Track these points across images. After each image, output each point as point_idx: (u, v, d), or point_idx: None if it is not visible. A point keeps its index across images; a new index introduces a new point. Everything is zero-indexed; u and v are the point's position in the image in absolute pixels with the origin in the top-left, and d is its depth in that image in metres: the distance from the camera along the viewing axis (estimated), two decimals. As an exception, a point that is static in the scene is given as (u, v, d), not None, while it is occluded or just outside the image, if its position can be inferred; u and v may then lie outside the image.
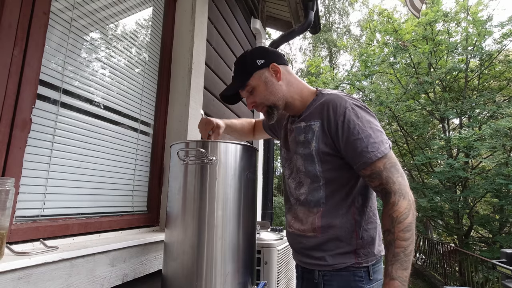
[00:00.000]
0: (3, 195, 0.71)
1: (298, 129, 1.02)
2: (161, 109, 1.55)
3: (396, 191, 0.85)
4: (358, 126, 0.89)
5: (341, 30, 20.13)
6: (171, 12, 1.67)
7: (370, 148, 0.87)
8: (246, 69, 1.02)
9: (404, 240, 0.83)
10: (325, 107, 0.95)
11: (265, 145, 2.91)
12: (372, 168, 0.87)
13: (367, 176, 0.90)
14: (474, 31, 8.58)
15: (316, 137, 0.95)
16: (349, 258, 0.95)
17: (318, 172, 0.96)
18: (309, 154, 0.96)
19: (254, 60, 1.02)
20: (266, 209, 2.75)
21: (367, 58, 10.42)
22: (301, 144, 0.99)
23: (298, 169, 1.02)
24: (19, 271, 0.73)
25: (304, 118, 1.01)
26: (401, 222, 0.84)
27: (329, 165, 0.95)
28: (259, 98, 1.03)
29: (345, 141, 0.90)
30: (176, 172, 0.97)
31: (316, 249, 0.97)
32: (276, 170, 20.55)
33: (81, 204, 1.07)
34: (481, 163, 8.75)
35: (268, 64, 1.01)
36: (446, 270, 7.52)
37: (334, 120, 0.92)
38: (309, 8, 2.91)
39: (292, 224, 1.04)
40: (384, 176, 0.86)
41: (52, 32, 0.98)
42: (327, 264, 0.96)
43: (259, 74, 1.01)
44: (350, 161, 0.92)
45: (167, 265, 0.96)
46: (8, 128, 0.83)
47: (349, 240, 0.95)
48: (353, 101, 0.95)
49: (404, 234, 0.83)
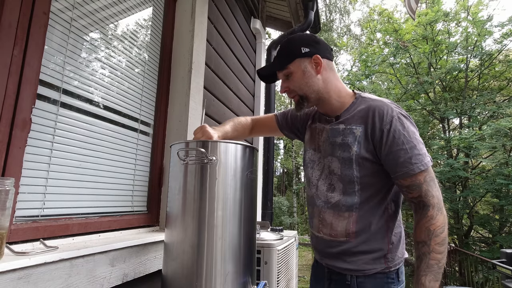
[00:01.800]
0: (3, 195, 0.71)
1: (335, 131, 1.01)
2: (161, 109, 1.55)
3: (435, 205, 0.87)
4: (404, 136, 0.90)
5: (341, 29, 20.12)
6: (171, 12, 1.67)
7: (413, 160, 0.88)
8: (289, 53, 1.01)
9: (440, 253, 0.85)
10: (370, 113, 0.95)
11: (265, 145, 2.91)
12: (412, 179, 0.88)
13: (405, 187, 0.91)
14: (474, 31, 8.58)
15: (358, 142, 0.95)
16: (379, 263, 0.96)
17: (355, 177, 0.96)
18: (349, 158, 0.96)
19: (299, 46, 1.00)
20: (266, 209, 2.75)
21: (367, 58, 10.42)
22: (339, 146, 0.99)
23: (331, 172, 1.01)
24: (19, 271, 0.73)
25: (344, 120, 1.00)
26: (438, 236, 0.86)
27: (366, 170, 0.95)
28: (293, 86, 1.02)
29: (388, 149, 0.91)
30: (176, 172, 0.97)
31: (349, 254, 0.98)
32: (276, 170, 20.56)
33: (81, 204, 1.07)
34: (481, 163, 8.75)
35: (311, 54, 0.99)
36: (446, 270, 7.52)
37: (380, 127, 0.92)
38: (309, 8, 2.91)
39: (321, 228, 1.03)
40: (424, 189, 0.88)
41: (52, 32, 0.98)
42: (360, 269, 0.96)
43: (300, 61, 1.00)
44: (389, 169, 0.93)
45: (167, 265, 0.96)
46: (8, 128, 0.83)
47: (381, 245, 0.96)
48: (399, 110, 0.96)
49: (439, 248, 0.85)
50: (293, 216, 15.98)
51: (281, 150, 20.97)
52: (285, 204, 15.45)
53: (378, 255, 0.96)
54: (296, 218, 16.01)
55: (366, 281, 0.96)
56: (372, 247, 0.96)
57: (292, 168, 18.71)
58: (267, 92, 2.98)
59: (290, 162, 18.77)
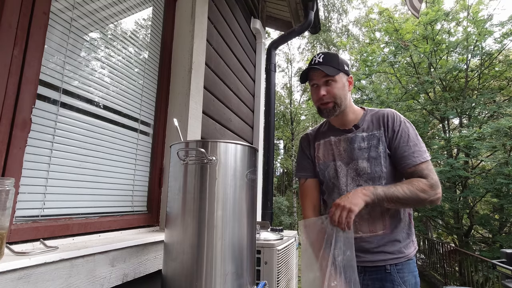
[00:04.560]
0: (3, 195, 0.71)
1: (359, 138, 1.21)
2: (161, 109, 1.55)
3: (434, 181, 1.09)
4: (409, 135, 1.15)
5: (340, 29, 20.11)
6: (171, 12, 1.67)
7: (416, 154, 1.12)
8: (339, 65, 1.20)
9: (412, 194, 1.05)
10: (382, 118, 1.20)
11: (265, 145, 2.91)
12: (415, 168, 1.11)
13: (409, 174, 1.13)
14: (475, 31, 8.57)
15: (382, 142, 1.17)
16: (413, 245, 1.19)
17: (383, 172, 1.15)
18: (377, 156, 1.16)
19: (344, 63, 1.22)
20: (266, 209, 2.75)
21: (367, 57, 10.42)
22: (366, 149, 1.18)
23: (358, 174, 1.18)
24: (19, 271, 0.73)
25: (364, 129, 1.22)
26: (424, 191, 1.06)
27: (389, 165, 1.17)
28: (333, 93, 1.18)
29: (397, 144, 1.15)
30: (176, 172, 0.97)
31: (390, 244, 1.14)
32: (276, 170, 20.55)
33: (81, 204, 1.07)
34: (481, 163, 8.75)
35: (349, 73, 1.24)
36: (446, 270, 7.52)
37: (392, 128, 1.17)
38: (309, 8, 2.91)
39: (359, 228, 1.16)
40: (425, 173, 1.10)
41: (52, 32, 0.98)
42: (404, 255, 1.14)
43: (343, 76, 1.21)
44: (397, 160, 1.15)
45: (167, 265, 0.96)
46: (8, 128, 0.83)
47: (409, 231, 1.19)
48: (404, 117, 1.22)
49: (417, 194, 1.06)
50: (293, 216, 15.99)
51: (281, 150, 20.97)
52: (285, 204, 15.45)
53: (410, 240, 1.18)
54: (296, 218, 16.01)
55: (403, 266, 1.13)
56: (405, 233, 1.17)
57: (292, 168, 18.71)
58: (267, 92, 2.98)
59: (290, 162, 18.77)
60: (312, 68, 1.19)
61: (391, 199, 1.05)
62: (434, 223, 10.29)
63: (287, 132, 19.08)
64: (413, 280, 1.14)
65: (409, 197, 1.05)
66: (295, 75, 20.12)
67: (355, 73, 11.42)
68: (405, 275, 1.12)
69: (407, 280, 1.12)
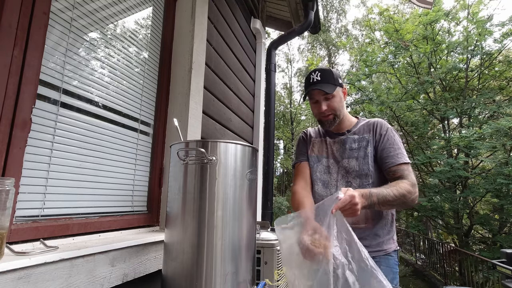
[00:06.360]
0: (3, 195, 0.71)
1: (351, 140, 1.35)
2: (161, 109, 1.55)
3: (413, 182, 1.18)
4: (393, 140, 1.29)
5: (339, 29, 20.10)
6: (171, 12, 1.67)
7: (399, 156, 1.25)
8: (335, 80, 1.32)
9: (400, 195, 1.12)
10: (373, 125, 1.35)
11: (265, 145, 2.91)
12: (397, 167, 1.23)
13: (392, 172, 1.23)
14: (475, 31, 8.57)
15: (370, 144, 1.31)
16: (393, 243, 1.29)
17: (370, 171, 1.28)
18: (366, 155, 1.29)
19: (338, 77, 1.35)
20: (266, 209, 2.75)
21: (367, 57, 10.41)
22: (356, 149, 1.32)
23: (348, 171, 1.31)
24: (19, 271, 0.73)
25: (356, 132, 1.36)
26: (410, 191, 1.14)
27: (375, 164, 1.29)
28: (333, 106, 1.32)
29: (383, 146, 1.29)
30: (176, 172, 0.97)
31: (370, 238, 1.24)
32: (276, 170, 20.54)
33: (81, 204, 1.07)
34: (481, 163, 8.74)
35: (342, 85, 1.37)
36: (446, 270, 7.52)
37: (379, 132, 1.32)
38: (309, 8, 2.91)
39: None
40: (406, 174, 1.21)
41: (52, 32, 0.98)
42: (382, 249, 1.24)
43: (339, 89, 1.34)
44: (382, 159, 1.27)
45: (167, 265, 0.96)
46: (8, 128, 0.83)
47: (390, 229, 1.29)
48: (391, 127, 1.36)
49: (404, 194, 1.13)
50: (293, 216, 15.96)
51: (281, 150, 20.97)
52: (285, 204, 15.45)
53: (391, 236, 1.28)
54: (296, 218, 15.95)
55: (381, 260, 1.21)
56: (386, 229, 1.27)
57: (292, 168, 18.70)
58: (267, 92, 2.98)
59: (290, 162, 18.77)
60: (313, 89, 1.32)
61: (382, 203, 1.11)
62: (434, 223, 10.29)
63: (287, 132, 19.10)
64: (390, 275, 1.21)
65: (398, 199, 1.12)
66: (295, 75, 20.12)
67: (355, 73, 11.42)
68: (382, 268, 1.11)
69: (383, 273, 1.13)
